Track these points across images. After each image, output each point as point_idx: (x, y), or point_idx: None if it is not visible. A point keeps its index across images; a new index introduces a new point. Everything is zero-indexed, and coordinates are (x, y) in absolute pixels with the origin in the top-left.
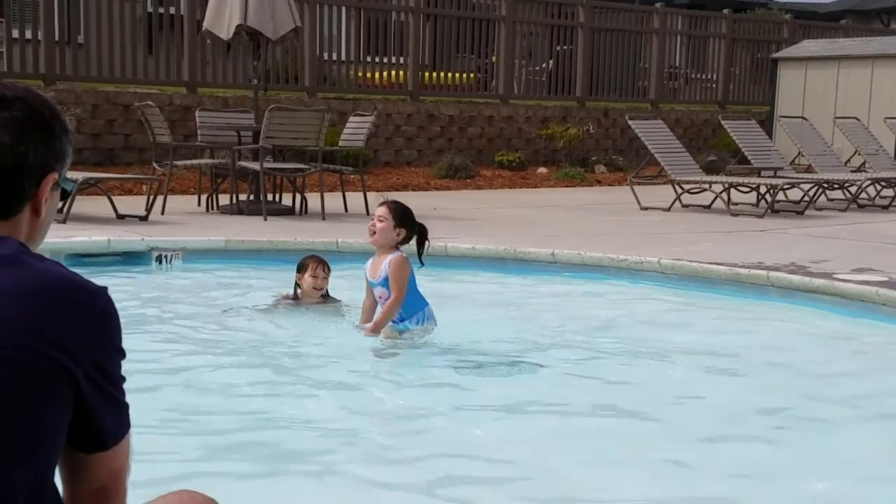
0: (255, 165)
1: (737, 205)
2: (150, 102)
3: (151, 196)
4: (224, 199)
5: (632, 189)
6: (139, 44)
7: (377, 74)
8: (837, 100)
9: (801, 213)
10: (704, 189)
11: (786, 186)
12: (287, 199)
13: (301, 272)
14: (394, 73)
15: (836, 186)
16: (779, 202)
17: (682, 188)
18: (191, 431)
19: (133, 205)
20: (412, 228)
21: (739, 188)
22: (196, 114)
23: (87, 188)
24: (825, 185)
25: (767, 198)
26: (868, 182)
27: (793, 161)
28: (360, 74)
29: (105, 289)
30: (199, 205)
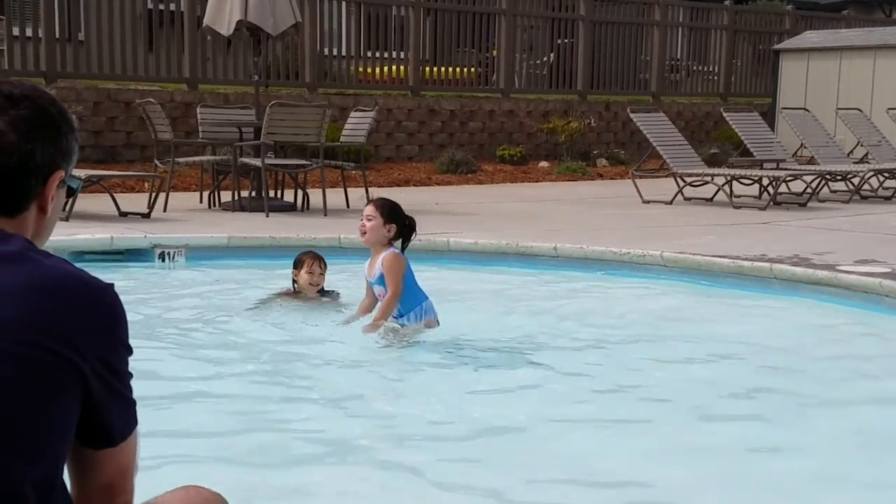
0: (257, 162)
1: (739, 197)
2: (152, 99)
3: (153, 193)
4: (226, 196)
5: (634, 182)
6: (140, 40)
7: (378, 69)
8: (840, 91)
9: (804, 205)
10: (707, 182)
11: (788, 178)
12: (289, 196)
13: (297, 268)
14: (394, 68)
15: (839, 178)
16: (781, 194)
17: (685, 181)
18: (192, 427)
19: (135, 202)
20: (401, 223)
21: (742, 180)
22: (197, 110)
23: (90, 186)
24: (828, 177)
25: (770, 190)
26: (871, 173)
27: (795, 153)
28: (361, 70)
29: (112, 285)
30: (202, 202)
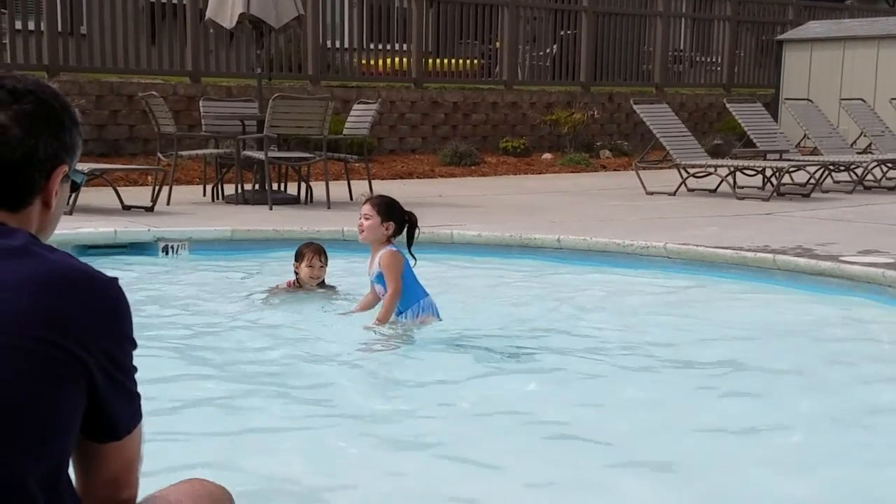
0: (260, 155)
1: (742, 188)
2: (154, 93)
3: (157, 187)
4: (229, 189)
5: (637, 174)
6: (142, 33)
7: (380, 62)
8: (843, 81)
9: (807, 196)
10: (710, 173)
11: (791, 169)
12: (292, 188)
13: (298, 261)
14: (397, 61)
15: (842, 168)
16: (785, 185)
17: (688, 172)
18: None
19: (139, 195)
20: (400, 220)
21: (745, 171)
22: (200, 104)
23: (93, 179)
24: (831, 168)
25: (773, 181)
26: (874, 164)
27: (798, 143)
28: (364, 62)
29: (116, 279)
30: (205, 195)
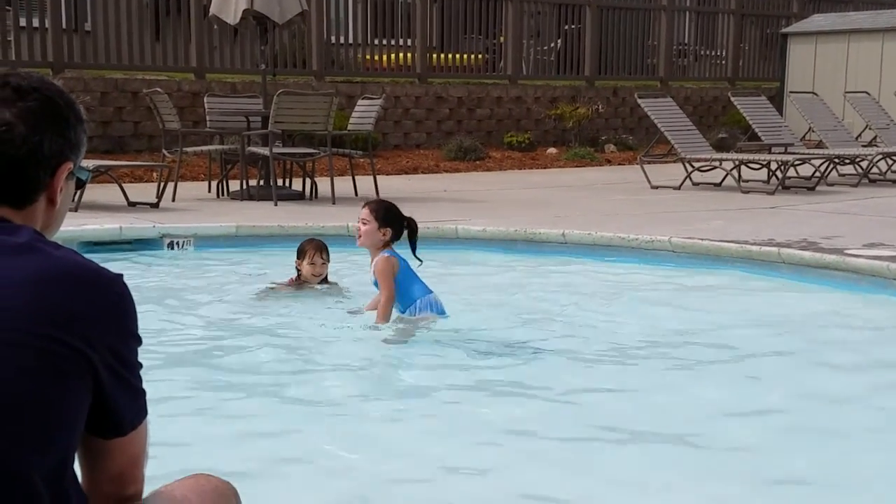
0: (265, 151)
1: (747, 182)
2: (159, 89)
3: (162, 183)
4: (234, 185)
5: (642, 168)
6: (146, 30)
7: (385, 57)
8: (848, 74)
9: (813, 189)
10: (715, 167)
11: (797, 162)
12: (297, 184)
13: (300, 258)
14: (402, 56)
15: (847, 161)
16: (790, 178)
17: (693, 166)
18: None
19: (144, 192)
20: (399, 225)
21: (750, 165)
22: (205, 100)
23: (98, 176)
24: (836, 161)
25: (778, 174)
26: (879, 156)
27: (803, 137)
28: (368, 57)
29: (121, 276)
30: (210, 191)
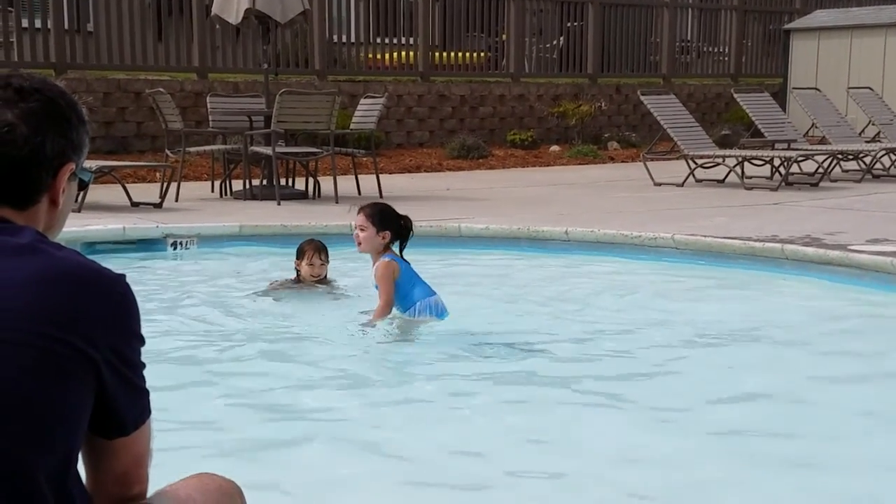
0: (268, 150)
1: (751, 178)
2: (161, 89)
3: (165, 183)
4: (237, 185)
5: (645, 165)
6: (148, 30)
7: (387, 56)
8: (851, 70)
9: (816, 185)
10: (718, 163)
11: (800, 158)
12: (300, 183)
13: (299, 259)
14: (404, 54)
15: (851, 157)
16: (793, 174)
17: (696, 163)
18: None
19: (147, 192)
20: (396, 225)
21: (753, 161)
22: (207, 100)
23: (102, 177)
24: (839, 157)
25: (781, 170)
26: (883, 152)
27: (807, 133)
28: (371, 56)
29: (123, 276)
30: (213, 191)
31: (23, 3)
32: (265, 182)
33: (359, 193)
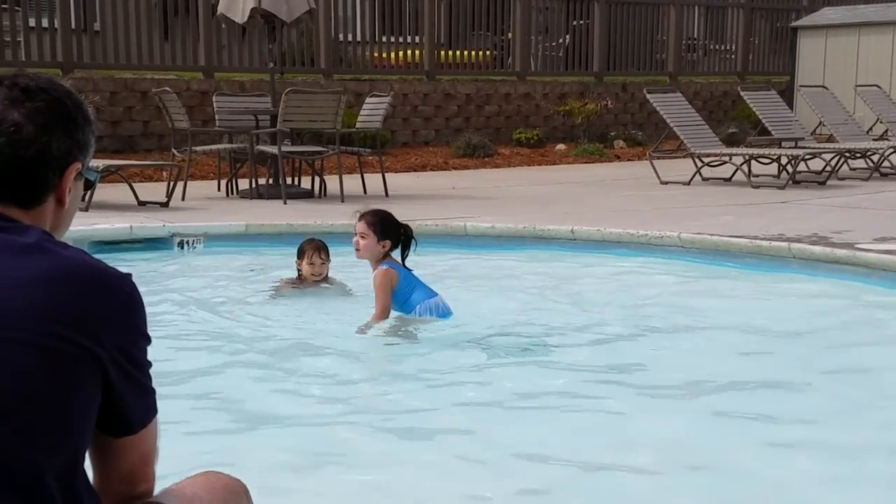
0: (274, 149)
1: (758, 177)
2: (168, 88)
3: (171, 182)
4: (243, 184)
5: (651, 164)
6: (155, 30)
7: (393, 54)
8: (858, 67)
9: (823, 184)
10: (725, 162)
11: (807, 157)
12: (306, 182)
13: (300, 258)
14: (409, 53)
15: (859, 155)
16: (800, 173)
17: (702, 161)
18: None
19: (154, 191)
20: (396, 233)
21: (760, 160)
22: (213, 99)
23: (108, 176)
24: (847, 155)
25: (789, 169)
26: (891, 150)
27: (814, 131)
28: (376, 55)
29: (130, 275)
30: (219, 190)
31: (30, 3)
32: (271, 181)
33: (364, 192)
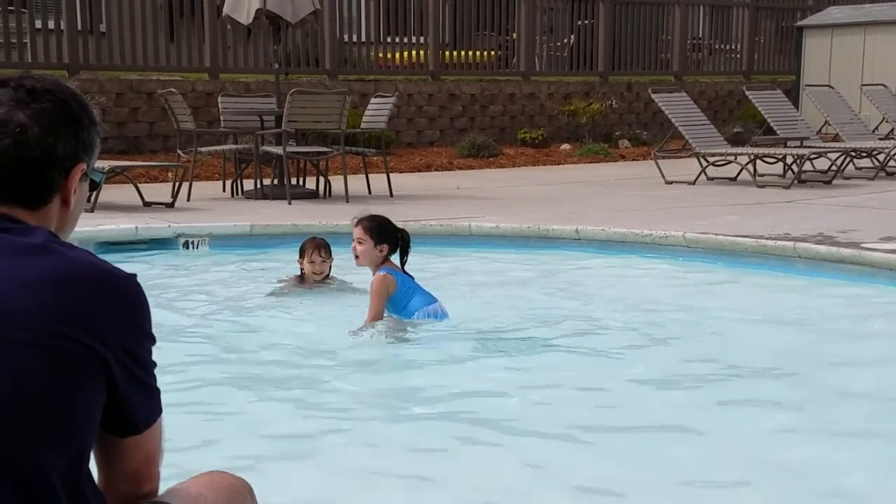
0: (279, 150)
1: (763, 176)
2: (173, 89)
3: (177, 183)
4: (248, 184)
5: (656, 163)
6: (160, 31)
7: (398, 55)
8: (864, 67)
9: (829, 183)
10: (730, 161)
11: (813, 156)
12: (311, 183)
13: (302, 257)
14: (414, 53)
15: (864, 155)
16: (806, 172)
17: (707, 161)
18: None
19: (159, 192)
20: (394, 238)
21: (765, 159)
22: (219, 100)
23: (114, 176)
24: (853, 154)
25: (794, 168)
26: None
27: (819, 130)
28: (381, 55)
29: (135, 276)
30: (224, 190)
31: (36, 5)
32: (276, 181)
33: (369, 192)
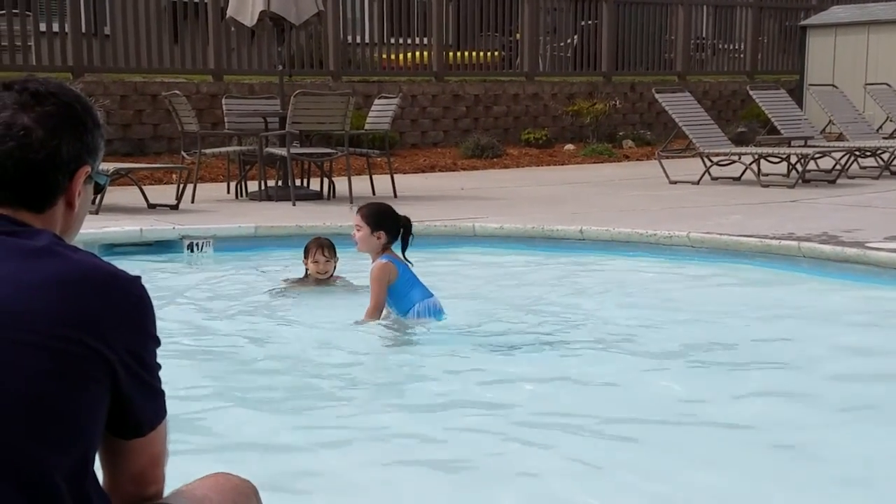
0: (283, 151)
1: (767, 176)
2: (177, 91)
3: (181, 185)
4: (253, 186)
5: (660, 163)
6: (165, 33)
7: (401, 56)
8: (868, 66)
9: (833, 182)
10: (734, 161)
11: (817, 155)
12: (315, 184)
13: (306, 257)
14: (418, 54)
15: (868, 154)
16: (810, 172)
17: (711, 161)
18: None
19: (163, 194)
20: (393, 225)
21: (769, 159)
22: (223, 101)
23: (119, 178)
24: (857, 153)
25: (798, 168)
26: None
27: (823, 129)
28: (385, 56)
29: (139, 278)
30: (229, 192)
31: (41, 8)
32: (280, 183)
33: (373, 193)
